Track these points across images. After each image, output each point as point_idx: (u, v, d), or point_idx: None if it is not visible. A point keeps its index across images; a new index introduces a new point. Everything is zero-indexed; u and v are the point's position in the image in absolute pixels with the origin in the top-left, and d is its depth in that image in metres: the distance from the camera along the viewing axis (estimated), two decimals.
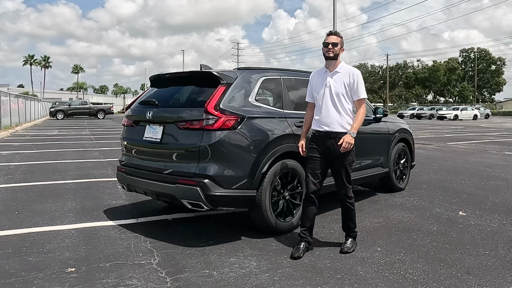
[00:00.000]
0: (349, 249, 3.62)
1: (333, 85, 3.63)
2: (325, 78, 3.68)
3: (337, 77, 3.65)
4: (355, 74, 3.65)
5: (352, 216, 3.75)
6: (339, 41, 3.66)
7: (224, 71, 4.20)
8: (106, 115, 39.52)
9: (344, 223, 3.79)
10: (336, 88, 3.62)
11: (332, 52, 3.61)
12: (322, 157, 3.64)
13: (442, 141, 15.19)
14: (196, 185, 3.69)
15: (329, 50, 3.62)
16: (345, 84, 3.62)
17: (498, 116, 56.84)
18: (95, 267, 3.26)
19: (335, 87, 3.62)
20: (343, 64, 3.72)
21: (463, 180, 7.06)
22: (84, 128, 22.88)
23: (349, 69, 3.69)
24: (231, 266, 3.31)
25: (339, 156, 3.59)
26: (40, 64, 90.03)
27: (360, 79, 3.66)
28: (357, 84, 3.62)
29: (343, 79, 3.63)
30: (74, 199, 5.58)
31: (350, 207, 3.73)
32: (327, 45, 3.62)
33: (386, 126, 5.87)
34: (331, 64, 3.69)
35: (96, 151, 11.48)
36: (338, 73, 3.66)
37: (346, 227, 3.79)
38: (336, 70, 3.67)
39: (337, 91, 3.61)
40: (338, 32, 3.77)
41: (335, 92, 3.61)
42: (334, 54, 3.63)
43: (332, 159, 3.63)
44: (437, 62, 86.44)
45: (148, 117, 4.19)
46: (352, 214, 3.74)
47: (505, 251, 3.64)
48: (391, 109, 71.12)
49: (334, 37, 3.66)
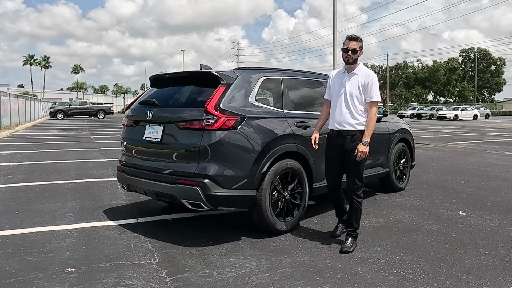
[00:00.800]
0: (349, 248, 3.64)
1: (348, 86, 3.76)
2: (343, 79, 3.82)
3: (354, 79, 3.77)
4: (371, 76, 3.75)
5: (357, 216, 3.80)
6: (359, 46, 3.74)
7: (224, 71, 4.20)
8: (106, 115, 39.53)
9: (348, 221, 3.85)
10: (351, 89, 3.74)
11: (351, 58, 3.73)
12: (337, 155, 3.81)
13: (442, 141, 15.20)
14: (196, 185, 3.69)
15: (349, 57, 3.73)
16: (360, 86, 3.72)
17: (498, 116, 56.86)
18: (95, 267, 3.26)
19: (350, 88, 3.75)
20: (362, 66, 3.82)
21: (463, 180, 7.06)
22: (84, 128, 22.88)
23: (366, 71, 3.79)
24: (231, 266, 3.31)
25: (350, 154, 3.70)
26: (40, 64, 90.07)
27: (376, 82, 3.76)
28: (371, 87, 3.72)
29: (358, 81, 3.74)
30: (74, 199, 5.58)
31: (357, 206, 3.80)
32: (347, 51, 3.72)
33: (386, 126, 5.87)
34: (350, 67, 3.81)
35: (96, 151, 11.48)
36: (355, 75, 3.77)
37: (348, 224, 3.84)
38: (354, 72, 3.79)
39: (351, 92, 3.74)
40: (358, 36, 3.80)
41: (349, 92, 3.74)
42: (353, 60, 3.74)
43: (344, 156, 3.76)
44: (437, 62, 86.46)
45: (148, 117, 4.19)
46: (358, 213, 3.80)
47: (505, 251, 3.64)
48: (391, 109, 71.15)
49: (354, 43, 3.73)
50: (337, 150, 3.80)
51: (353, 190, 3.79)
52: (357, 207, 3.80)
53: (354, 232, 3.79)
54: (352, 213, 3.80)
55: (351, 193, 3.80)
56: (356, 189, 3.78)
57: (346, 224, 3.87)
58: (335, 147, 3.81)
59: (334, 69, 4.07)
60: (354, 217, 3.79)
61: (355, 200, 3.79)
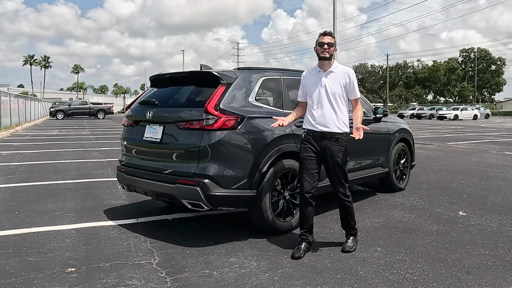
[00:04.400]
0: (350, 248, 3.62)
1: (328, 85, 3.61)
2: (320, 78, 3.66)
3: (332, 77, 3.64)
4: (351, 74, 3.67)
5: (352, 214, 3.75)
6: (333, 41, 3.65)
7: (224, 71, 4.20)
8: (106, 115, 39.53)
9: (344, 221, 3.78)
10: (332, 89, 3.60)
11: (328, 52, 3.60)
12: (317, 157, 3.63)
13: (442, 141, 15.19)
14: (196, 185, 3.69)
15: (325, 51, 3.60)
16: (342, 85, 3.62)
17: (498, 116, 56.83)
18: (95, 267, 3.26)
19: (331, 87, 3.61)
20: (337, 64, 3.71)
21: (463, 180, 7.06)
22: (84, 128, 22.88)
23: (344, 69, 3.69)
24: (231, 266, 3.31)
25: (334, 156, 3.59)
26: (40, 64, 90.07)
27: (355, 79, 3.70)
28: (353, 84, 3.65)
29: (339, 80, 3.62)
30: (74, 199, 5.58)
31: (348, 205, 3.72)
32: (323, 45, 3.61)
33: (386, 126, 5.87)
34: (325, 64, 3.67)
35: (96, 151, 11.48)
36: (332, 73, 3.65)
37: (346, 225, 3.78)
38: (331, 69, 3.65)
39: (333, 91, 3.60)
40: (331, 32, 3.77)
41: (331, 92, 3.60)
42: (329, 55, 3.62)
43: (327, 159, 3.62)
44: (437, 62, 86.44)
45: (148, 117, 4.19)
46: (351, 211, 3.74)
47: (505, 251, 3.64)
48: (391, 109, 71.14)
49: (329, 37, 3.64)
50: (318, 152, 3.60)
51: (342, 192, 3.67)
52: (350, 206, 3.71)
53: (354, 230, 3.76)
54: (346, 214, 3.73)
55: (341, 195, 3.67)
56: (345, 190, 3.67)
57: (344, 225, 3.79)
58: (316, 149, 3.60)
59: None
60: (350, 216, 3.73)
61: (346, 201, 3.69)
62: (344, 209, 3.74)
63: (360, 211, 4.94)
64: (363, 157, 5.33)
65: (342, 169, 3.64)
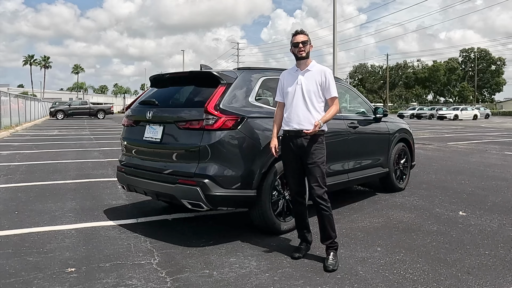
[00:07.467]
0: (334, 265, 3.26)
1: (304, 83, 3.54)
2: (296, 77, 3.60)
3: (309, 75, 3.56)
4: (327, 72, 3.58)
5: (331, 223, 3.44)
6: (307, 39, 3.58)
7: (224, 71, 4.20)
8: (106, 115, 39.53)
9: (323, 233, 3.45)
10: (308, 86, 3.53)
11: (304, 51, 3.54)
12: (298, 157, 3.52)
13: (442, 141, 15.19)
14: (196, 185, 3.69)
15: (301, 50, 3.53)
16: (317, 83, 3.53)
17: (498, 116, 56.85)
18: (95, 267, 3.26)
19: (306, 85, 3.53)
20: (314, 63, 3.64)
21: (463, 180, 7.06)
22: (84, 128, 22.88)
23: (320, 68, 3.61)
24: (231, 266, 3.31)
25: (310, 155, 3.46)
26: (40, 64, 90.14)
27: (332, 78, 3.60)
28: (329, 83, 3.53)
29: (315, 78, 3.54)
30: (74, 199, 5.58)
31: (327, 212, 3.43)
32: (297, 45, 3.53)
33: (386, 126, 5.87)
34: (302, 63, 3.60)
35: (96, 151, 11.48)
36: (309, 71, 3.57)
37: (326, 237, 3.44)
38: (308, 68, 3.58)
39: (308, 89, 3.52)
40: (304, 30, 3.67)
41: (306, 89, 3.52)
42: (306, 53, 3.55)
43: (303, 157, 3.50)
44: (437, 62, 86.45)
45: (148, 117, 4.19)
46: (330, 220, 3.44)
47: (505, 251, 3.64)
48: (391, 109, 71.13)
49: (301, 35, 3.57)
50: (296, 151, 3.49)
51: (319, 195, 3.39)
52: (328, 213, 3.42)
53: (335, 244, 3.43)
54: (325, 221, 3.42)
55: (318, 199, 3.39)
56: (322, 194, 3.40)
57: (322, 237, 3.47)
58: (293, 149, 3.50)
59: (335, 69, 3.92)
60: (328, 225, 3.42)
61: (323, 206, 3.40)
62: (321, 216, 3.44)
63: (360, 211, 4.94)
64: (363, 157, 5.33)
65: (320, 168, 3.44)
